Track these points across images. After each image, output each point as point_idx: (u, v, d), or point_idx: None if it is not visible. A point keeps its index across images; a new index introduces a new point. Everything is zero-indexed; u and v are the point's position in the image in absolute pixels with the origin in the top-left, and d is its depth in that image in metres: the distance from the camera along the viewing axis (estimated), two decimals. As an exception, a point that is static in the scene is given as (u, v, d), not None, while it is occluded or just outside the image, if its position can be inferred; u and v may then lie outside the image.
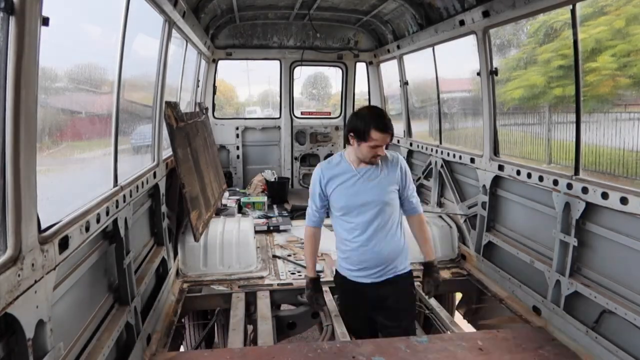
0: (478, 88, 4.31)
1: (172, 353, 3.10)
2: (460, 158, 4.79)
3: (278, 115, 7.52)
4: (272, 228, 5.57)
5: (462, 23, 4.25)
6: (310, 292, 3.20)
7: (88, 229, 2.18)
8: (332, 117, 7.93)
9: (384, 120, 2.78)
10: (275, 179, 7.08)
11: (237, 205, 5.89)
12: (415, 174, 6.20)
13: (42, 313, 1.68)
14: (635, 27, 3.28)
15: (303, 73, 8.43)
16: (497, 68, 4.09)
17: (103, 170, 2.80)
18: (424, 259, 3.12)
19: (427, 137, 6.16)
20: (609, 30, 3.35)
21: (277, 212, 6.26)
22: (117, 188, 2.74)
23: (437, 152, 5.37)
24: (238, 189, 7.12)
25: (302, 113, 7.89)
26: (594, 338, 2.86)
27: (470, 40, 4.28)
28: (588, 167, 3.30)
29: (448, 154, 5.09)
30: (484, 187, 4.27)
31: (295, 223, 5.76)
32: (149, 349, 3.03)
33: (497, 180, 4.16)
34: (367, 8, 6.10)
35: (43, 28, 1.60)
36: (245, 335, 3.50)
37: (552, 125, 4.17)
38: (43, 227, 1.75)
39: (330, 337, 3.41)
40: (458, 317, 4.46)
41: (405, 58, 6.30)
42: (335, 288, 3.47)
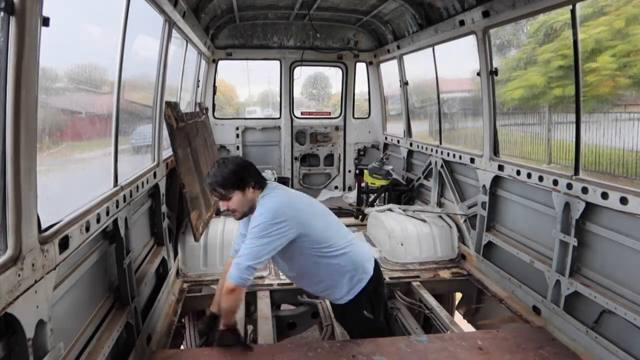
0: (478, 88, 4.31)
1: (171, 351, 3.10)
2: (460, 158, 4.79)
3: (278, 116, 7.52)
4: (272, 228, 5.56)
5: (462, 23, 4.25)
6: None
7: (88, 229, 2.18)
8: (332, 117, 7.93)
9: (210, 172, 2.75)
10: (275, 179, 7.07)
11: (237, 205, 5.87)
12: (415, 174, 6.20)
13: (42, 313, 1.68)
14: (635, 27, 3.28)
15: (303, 73, 8.44)
16: (497, 68, 4.10)
17: (103, 170, 2.80)
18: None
19: (427, 137, 6.16)
20: (609, 31, 3.35)
21: (277, 212, 6.24)
22: (117, 188, 2.74)
23: (437, 152, 5.37)
24: (238, 189, 7.10)
25: (302, 113, 7.89)
26: (594, 338, 2.86)
27: (470, 41, 4.28)
28: (588, 167, 3.30)
29: (448, 154, 5.09)
30: (484, 187, 4.27)
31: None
32: (149, 349, 3.03)
33: (497, 180, 4.16)
34: (367, 8, 6.10)
35: (43, 28, 1.60)
36: (246, 335, 3.51)
37: (552, 126, 4.16)
38: (43, 227, 1.75)
39: (330, 336, 3.41)
40: (458, 317, 4.45)
41: (405, 58, 6.30)
42: (377, 295, 2.95)
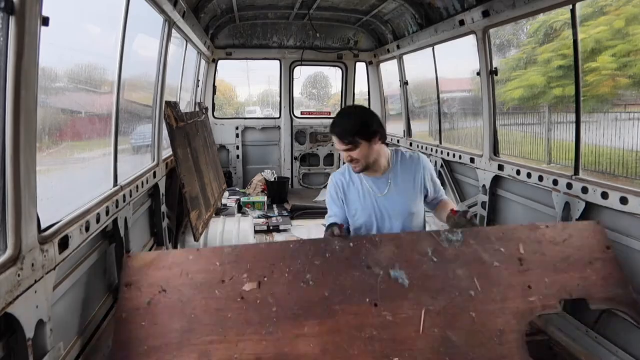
0: (478, 88, 4.31)
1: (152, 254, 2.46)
2: (460, 158, 4.79)
3: (278, 115, 7.52)
4: (272, 228, 5.57)
5: (462, 23, 4.25)
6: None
7: (88, 229, 2.18)
8: (332, 117, 7.88)
9: (338, 120, 2.39)
10: (275, 179, 7.08)
11: (237, 205, 5.89)
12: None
13: (42, 313, 1.68)
14: (635, 27, 3.28)
15: (303, 73, 8.45)
16: (497, 68, 4.09)
17: (103, 170, 2.80)
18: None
19: (427, 137, 6.16)
20: (609, 31, 3.35)
21: (277, 212, 6.26)
22: (117, 188, 2.74)
23: (437, 152, 5.37)
24: (238, 189, 7.12)
25: (302, 113, 7.89)
26: (594, 338, 2.86)
27: (470, 40, 4.28)
28: (588, 167, 3.31)
29: (448, 154, 5.09)
30: (484, 187, 4.27)
31: (296, 223, 5.76)
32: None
33: (497, 180, 4.16)
34: (367, 8, 6.10)
35: (43, 28, 1.60)
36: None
37: (552, 125, 4.17)
38: (43, 227, 1.75)
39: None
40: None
41: (405, 58, 6.30)
42: None
